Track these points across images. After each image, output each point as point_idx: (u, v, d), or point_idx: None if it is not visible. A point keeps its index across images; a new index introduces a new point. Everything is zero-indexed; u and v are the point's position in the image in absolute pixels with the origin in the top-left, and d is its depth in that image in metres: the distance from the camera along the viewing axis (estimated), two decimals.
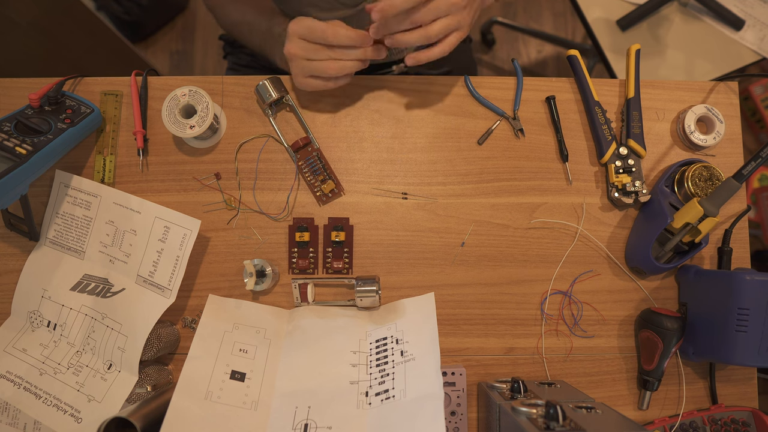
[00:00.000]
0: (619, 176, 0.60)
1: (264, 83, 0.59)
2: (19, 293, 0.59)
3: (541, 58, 1.68)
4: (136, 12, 1.59)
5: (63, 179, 0.60)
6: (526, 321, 0.61)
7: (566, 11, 1.70)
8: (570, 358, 0.60)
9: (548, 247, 0.61)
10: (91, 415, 0.53)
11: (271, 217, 0.61)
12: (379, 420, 0.50)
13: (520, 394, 0.52)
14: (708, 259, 0.62)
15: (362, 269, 0.61)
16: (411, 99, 0.63)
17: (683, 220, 0.55)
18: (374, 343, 0.56)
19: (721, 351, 0.53)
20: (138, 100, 0.61)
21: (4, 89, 0.62)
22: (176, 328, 0.60)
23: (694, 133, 0.61)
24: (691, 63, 0.89)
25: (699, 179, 0.58)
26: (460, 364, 0.60)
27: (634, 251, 0.60)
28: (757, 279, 0.51)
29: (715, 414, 0.58)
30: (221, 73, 0.98)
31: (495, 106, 0.63)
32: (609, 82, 0.64)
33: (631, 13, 0.89)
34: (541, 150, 0.63)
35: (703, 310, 0.56)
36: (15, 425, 0.54)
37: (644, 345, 0.58)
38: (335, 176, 0.61)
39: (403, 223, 0.61)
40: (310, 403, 0.52)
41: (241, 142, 0.62)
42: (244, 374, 0.54)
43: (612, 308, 0.61)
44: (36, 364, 0.56)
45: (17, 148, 0.51)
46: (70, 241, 0.59)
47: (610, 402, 0.60)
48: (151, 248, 0.56)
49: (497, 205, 0.62)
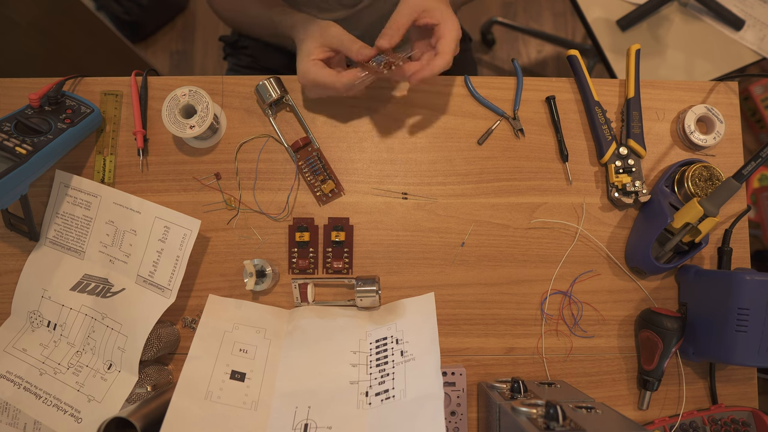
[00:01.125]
0: (619, 176, 0.60)
1: (264, 83, 0.59)
2: (19, 293, 0.59)
3: (541, 58, 1.68)
4: (136, 12, 1.59)
5: (63, 179, 0.60)
6: (526, 321, 0.61)
7: (566, 11, 1.70)
8: (570, 358, 0.60)
9: (548, 247, 0.61)
10: (91, 415, 0.53)
11: (271, 217, 0.61)
12: (379, 420, 0.50)
13: (520, 394, 0.52)
14: (708, 259, 0.62)
15: (362, 269, 0.61)
16: (411, 99, 0.63)
17: (683, 220, 0.55)
18: (374, 343, 0.56)
19: (721, 351, 0.53)
20: (138, 100, 0.61)
21: (4, 89, 0.62)
22: (176, 328, 0.60)
23: (694, 133, 0.61)
24: (691, 63, 0.89)
25: (699, 179, 0.58)
26: (460, 364, 0.60)
27: (634, 251, 0.60)
28: (757, 279, 0.51)
29: (715, 414, 0.58)
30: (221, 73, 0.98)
31: (495, 106, 0.63)
32: (609, 82, 0.64)
33: (631, 13, 0.89)
34: (541, 150, 0.63)
35: (703, 310, 0.56)
36: (15, 425, 0.54)
37: (644, 345, 0.58)
38: (335, 176, 0.61)
39: (403, 223, 0.61)
40: (310, 403, 0.52)
41: (241, 142, 0.62)
42: (244, 374, 0.54)
43: (612, 308, 0.61)
44: (36, 364, 0.56)
45: (17, 148, 0.51)
46: (70, 241, 0.59)
47: (610, 402, 0.60)
48: (151, 248, 0.56)
49: (497, 205, 0.62)
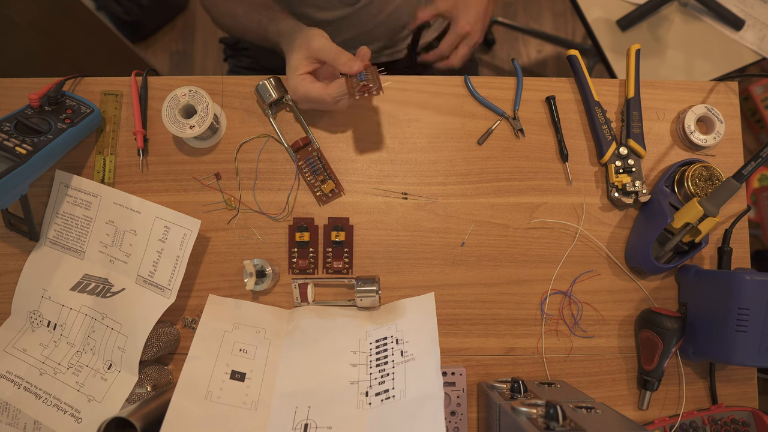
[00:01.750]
0: (619, 176, 0.60)
1: (264, 83, 0.59)
2: (19, 293, 0.59)
3: (541, 58, 1.68)
4: (136, 12, 1.59)
5: (63, 179, 0.60)
6: (526, 321, 0.61)
7: (566, 11, 1.70)
8: (570, 358, 0.60)
9: (548, 247, 0.61)
10: (91, 415, 0.53)
11: (271, 217, 0.61)
12: (379, 420, 0.50)
13: (520, 394, 0.52)
14: (708, 259, 0.62)
15: (362, 269, 0.61)
16: (411, 99, 0.63)
17: (683, 220, 0.55)
18: (374, 343, 0.56)
19: (721, 351, 0.53)
20: (138, 100, 0.61)
21: (4, 89, 0.62)
22: (176, 328, 0.60)
23: (694, 133, 0.61)
24: (691, 63, 0.89)
25: (699, 179, 0.58)
26: (460, 364, 0.60)
27: (634, 251, 0.60)
28: (757, 279, 0.51)
29: (715, 414, 0.58)
30: (221, 73, 0.98)
31: (495, 106, 0.63)
32: (609, 82, 0.64)
33: (631, 13, 0.89)
34: (541, 150, 0.63)
35: (703, 310, 0.56)
36: (15, 425, 0.54)
37: (644, 345, 0.58)
38: (335, 176, 0.61)
39: (403, 223, 0.61)
40: (310, 403, 0.52)
41: (241, 142, 0.62)
42: (244, 374, 0.54)
43: (612, 308, 0.61)
44: (36, 364, 0.56)
45: (17, 148, 0.51)
46: (70, 241, 0.59)
47: (610, 402, 0.60)
48: (151, 248, 0.56)
49: (497, 205, 0.62)
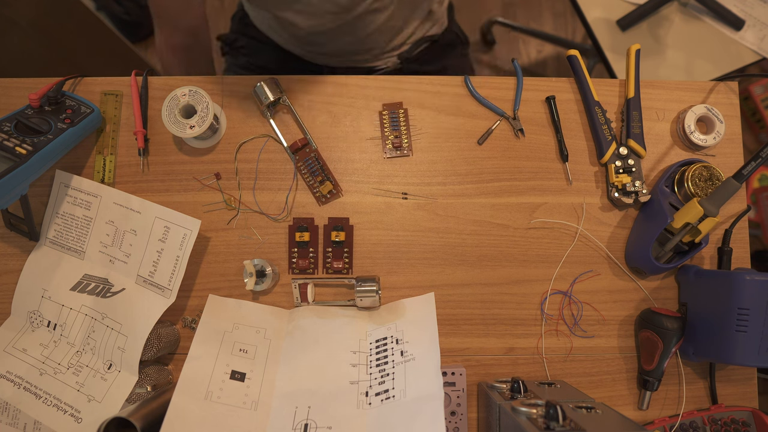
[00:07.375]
0: (619, 176, 0.60)
1: (260, 85, 0.59)
2: (19, 293, 0.59)
3: (541, 58, 1.68)
4: (136, 12, 1.59)
5: (63, 179, 0.60)
6: (526, 321, 0.61)
7: (566, 11, 1.70)
8: (570, 358, 0.60)
9: (548, 247, 0.61)
10: (91, 415, 0.53)
11: (271, 217, 0.61)
12: (379, 420, 0.50)
13: (520, 394, 0.52)
14: (708, 259, 0.62)
15: (362, 269, 0.61)
16: (411, 99, 0.63)
17: (683, 220, 0.55)
18: (374, 343, 0.56)
19: (721, 351, 0.53)
20: (138, 100, 0.61)
21: (4, 89, 0.62)
22: (176, 328, 0.60)
23: (694, 133, 0.61)
24: (691, 63, 0.89)
25: (699, 179, 0.58)
26: (460, 364, 0.60)
27: (634, 251, 0.60)
28: (757, 279, 0.51)
29: (715, 414, 0.58)
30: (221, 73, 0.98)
31: (495, 106, 0.63)
32: (609, 82, 0.64)
33: (631, 13, 0.89)
34: (541, 150, 0.63)
35: (703, 310, 0.56)
36: (15, 425, 0.54)
37: (644, 345, 0.58)
38: (333, 177, 0.61)
39: (403, 223, 0.61)
40: (310, 403, 0.52)
41: (241, 142, 0.62)
42: (244, 374, 0.54)
43: (612, 308, 0.61)
44: (36, 364, 0.56)
45: (17, 148, 0.51)
46: (70, 241, 0.59)
47: (610, 402, 0.60)
48: (151, 248, 0.56)
49: (497, 205, 0.62)
